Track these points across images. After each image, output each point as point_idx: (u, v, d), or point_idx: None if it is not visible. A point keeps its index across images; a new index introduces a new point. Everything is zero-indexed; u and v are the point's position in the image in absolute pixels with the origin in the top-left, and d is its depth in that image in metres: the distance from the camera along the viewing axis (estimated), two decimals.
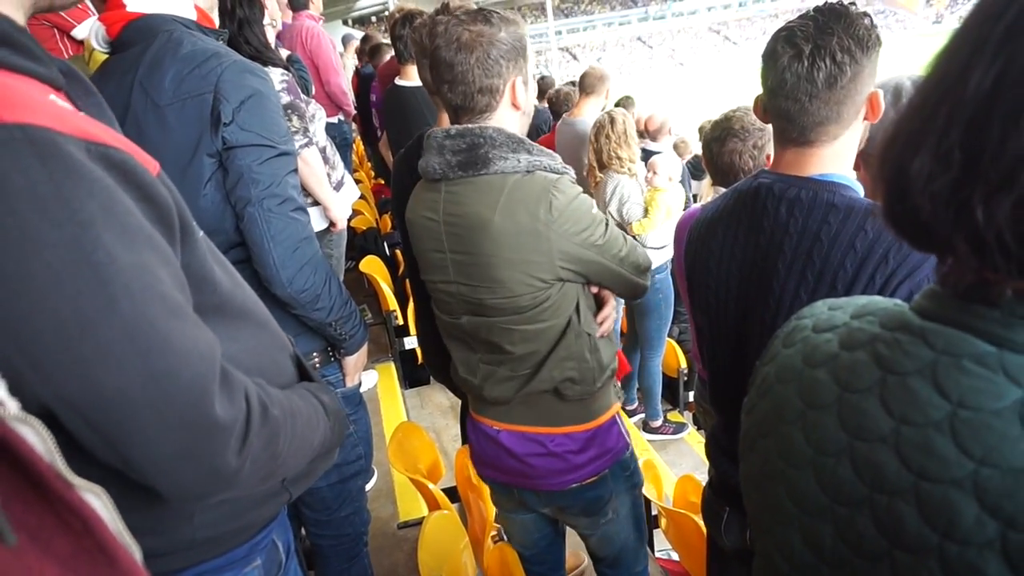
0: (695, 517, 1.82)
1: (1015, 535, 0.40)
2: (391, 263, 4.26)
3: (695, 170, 5.36)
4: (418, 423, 2.76)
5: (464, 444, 2.26)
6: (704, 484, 1.40)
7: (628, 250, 1.35)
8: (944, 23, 45.10)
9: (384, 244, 4.55)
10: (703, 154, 2.26)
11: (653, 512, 2.32)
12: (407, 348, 3.65)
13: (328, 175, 2.15)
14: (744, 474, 0.66)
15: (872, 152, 1.17)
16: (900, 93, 1.29)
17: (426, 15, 1.77)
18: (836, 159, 1.07)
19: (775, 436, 0.60)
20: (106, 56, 1.36)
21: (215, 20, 1.45)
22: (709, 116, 2.74)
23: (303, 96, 2.07)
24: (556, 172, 1.25)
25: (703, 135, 3.29)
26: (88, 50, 1.63)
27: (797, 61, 0.99)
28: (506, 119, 1.28)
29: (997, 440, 0.42)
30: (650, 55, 52.77)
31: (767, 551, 0.62)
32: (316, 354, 1.56)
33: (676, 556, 2.34)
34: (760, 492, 0.62)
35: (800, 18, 1.02)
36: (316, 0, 4.38)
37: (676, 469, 3.21)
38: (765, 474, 0.61)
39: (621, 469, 1.50)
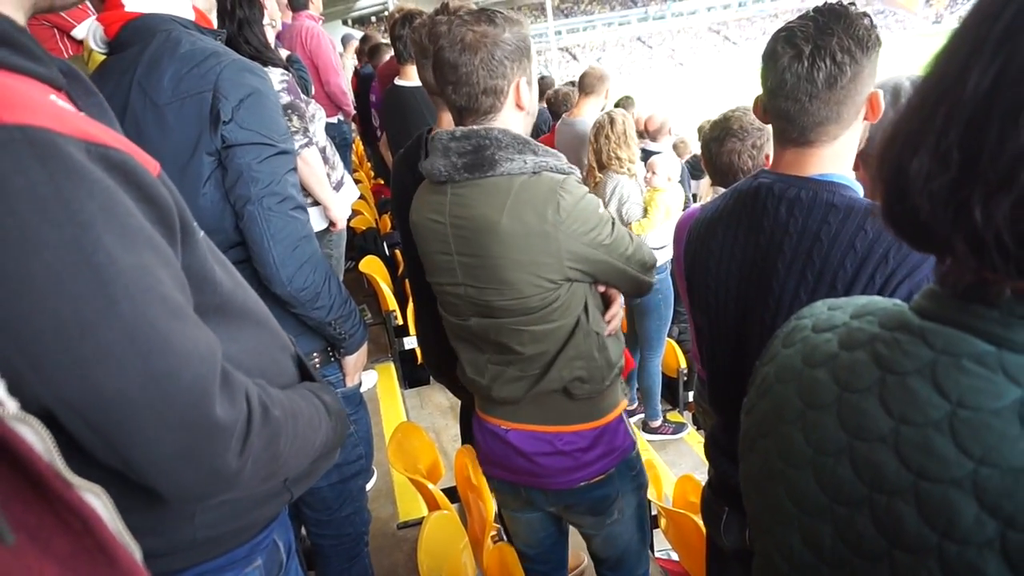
0: (695, 517, 1.82)
1: (1015, 534, 0.40)
2: (391, 263, 4.25)
3: (694, 169, 5.35)
4: (418, 423, 2.76)
5: (464, 444, 2.26)
6: (703, 484, 1.40)
7: (634, 248, 1.35)
8: (944, 23, 45.11)
9: (384, 244, 4.54)
10: (702, 154, 2.26)
11: (653, 512, 2.32)
12: (407, 348, 3.64)
13: (328, 175, 2.15)
14: (744, 474, 0.66)
15: (871, 152, 1.17)
16: (899, 93, 1.29)
17: (426, 15, 1.77)
18: (836, 159, 1.07)
19: (775, 436, 0.60)
20: (104, 56, 1.36)
21: (213, 22, 1.45)
22: (709, 116, 2.74)
23: (303, 96, 2.07)
24: (562, 172, 1.24)
25: (702, 135, 3.29)
26: (87, 50, 1.63)
27: (797, 61, 0.99)
28: (511, 120, 1.27)
29: (996, 440, 0.42)
30: (650, 55, 52.77)
31: (767, 551, 0.62)
32: (316, 354, 1.56)
33: (676, 556, 2.33)
34: (760, 492, 0.62)
35: (800, 18, 1.02)
36: (316, 0, 4.39)
37: (676, 469, 3.21)
38: (765, 474, 0.61)
39: (628, 468, 1.51)
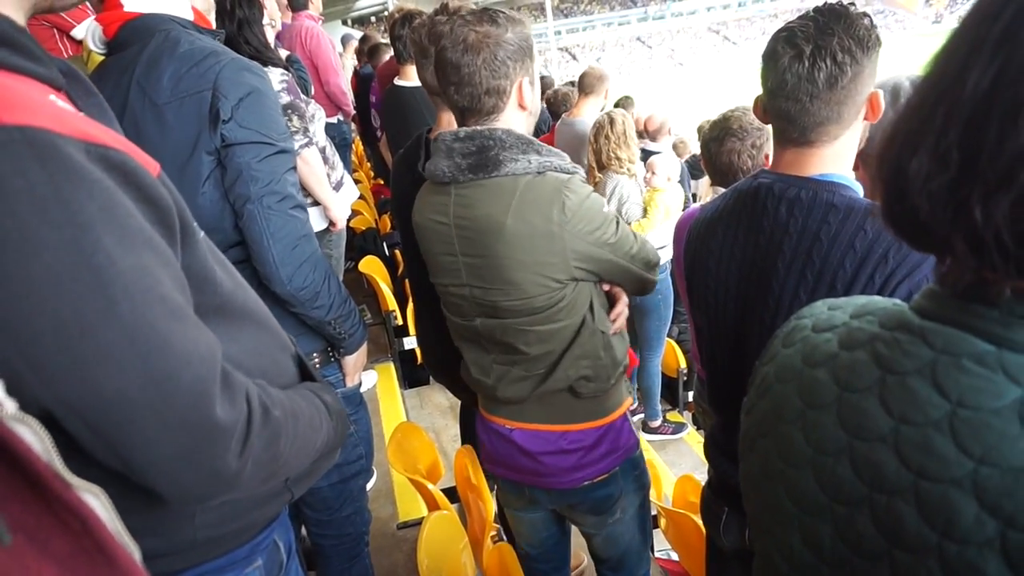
0: (694, 517, 1.82)
1: (1015, 534, 0.40)
2: (390, 263, 4.25)
3: (693, 169, 5.35)
4: (417, 423, 2.76)
5: (464, 444, 2.26)
6: (703, 484, 1.40)
7: (639, 247, 1.35)
8: (943, 23, 45.13)
9: (383, 244, 4.54)
10: (702, 154, 2.26)
11: (653, 512, 2.32)
12: (406, 348, 3.64)
13: (328, 175, 2.15)
14: (743, 474, 0.66)
15: (871, 152, 1.17)
16: (898, 93, 1.29)
17: (425, 15, 1.77)
18: (836, 159, 1.07)
19: (775, 436, 0.60)
20: (103, 57, 1.36)
21: (212, 23, 1.45)
22: (708, 116, 2.74)
23: (303, 96, 2.07)
24: (567, 172, 1.24)
25: (702, 135, 3.29)
26: (86, 51, 1.63)
27: (798, 62, 0.99)
28: (513, 120, 1.27)
29: (996, 439, 0.42)
30: (649, 55, 52.77)
31: (767, 551, 0.62)
32: (316, 355, 1.56)
33: (675, 556, 2.33)
34: (759, 492, 0.62)
35: (800, 18, 1.01)
36: (315, 0, 4.38)
37: (675, 469, 3.21)
38: (765, 474, 0.61)
39: (631, 467, 1.51)
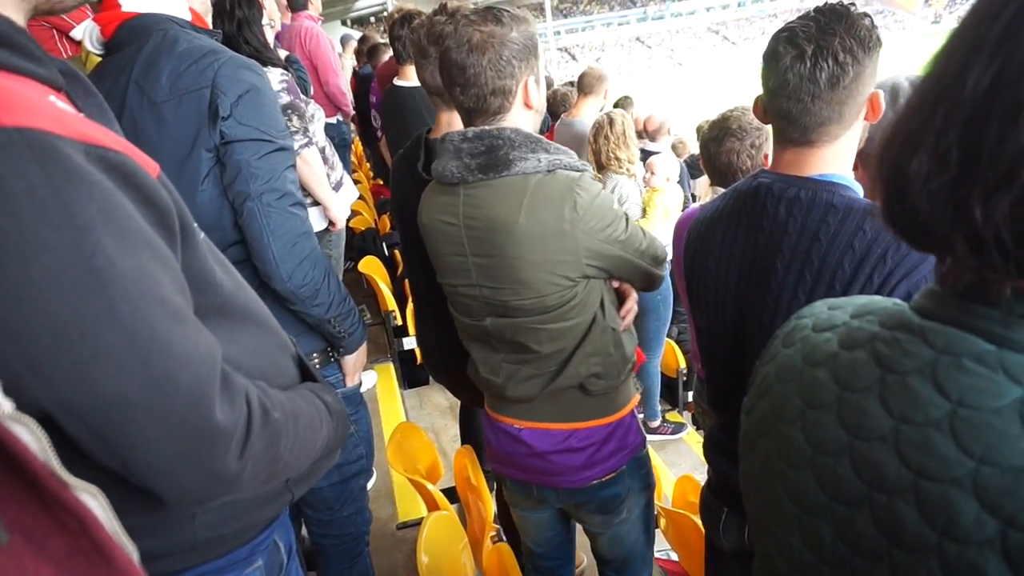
0: (694, 517, 1.82)
1: (1015, 534, 0.40)
2: (390, 263, 4.25)
3: (692, 169, 5.35)
4: (417, 423, 2.76)
5: (464, 444, 2.26)
6: (703, 485, 1.40)
7: (648, 243, 1.35)
8: (942, 23, 45.18)
9: (383, 245, 4.54)
10: (701, 154, 2.26)
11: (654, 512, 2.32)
12: (406, 348, 3.64)
13: (327, 175, 2.15)
14: (743, 474, 0.66)
15: (871, 152, 1.17)
16: (897, 93, 1.29)
17: (424, 15, 1.77)
18: (836, 159, 1.07)
19: (775, 435, 0.60)
20: (101, 58, 1.36)
21: (208, 25, 1.46)
22: (708, 116, 2.74)
23: (302, 96, 2.08)
24: (577, 170, 1.24)
25: (701, 135, 3.29)
26: (85, 51, 1.63)
27: (799, 62, 0.98)
28: (520, 119, 1.26)
29: (997, 439, 0.42)
30: (649, 55, 52.80)
31: (767, 551, 0.62)
32: (316, 355, 1.56)
33: (675, 556, 2.33)
34: (759, 492, 0.62)
35: (801, 19, 1.01)
36: (315, 0, 4.38)
37: (675, 469, 3.21)
38: (764, 474, 0.61)
39: (638, 467, 1.50)
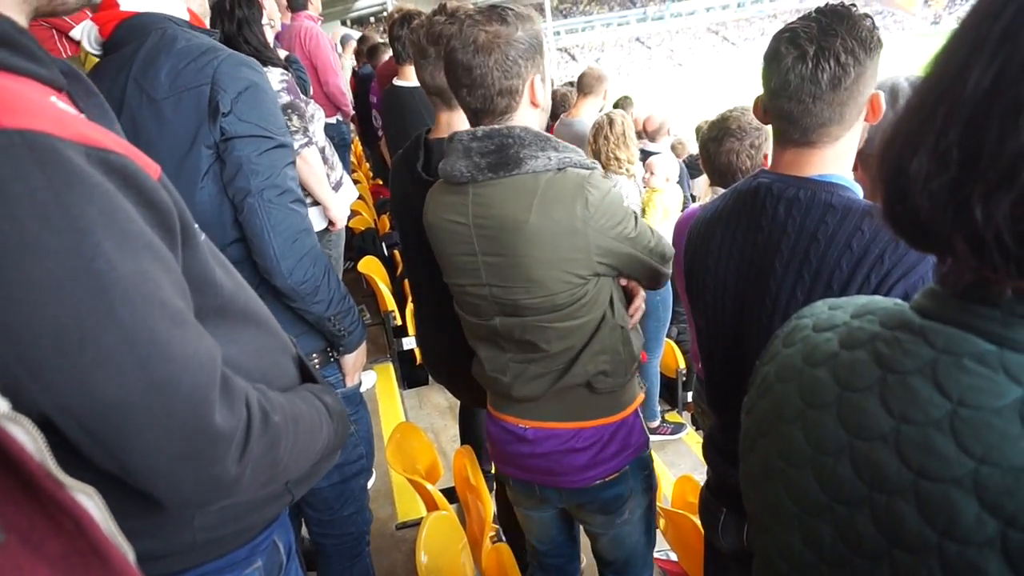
0: (693, 517, 1.82)
1: (1015, 534, 0.40)
2: (389, 264, 4.25)
3: (691, 169, 5.35)
4: (416, 424, 2.76)
5: (463, 444, 2.26)
6: (702, 485, 1.40)
7: (656, 241, 1.35)
8: (942, 24, 45.22)
9: (382, 245, 4.54)
10: (700, 154, 2.25)
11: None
12: (405, 349, 3.64)
13: (327, 175, 2.15)
14: (744, 473, 0.66)
15: (871, 153, 1.17)
16: (896, 93, 1.29)
17: (424, 16, 1.77)
18: (836, 160, 1.07)
19: (775, 435, 0.60)
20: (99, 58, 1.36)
21: (207, 26, 1.46)
22: (707, 117, 2.74)
23: (302, 96, 2.08)
24: (587, 168, 1.23)
25: (700, 135, 3.29)
26: (83, 52, 1.63)
27: (801, 62, 0.98)
28: (527, 118, 1.26)
29: (997, 439, 0.42)
30: (649, 56, 52.81)
31: (766, 551, 0.62)
32: (315, 355, 1.56)
33: (675, 556, 2.33)
34: (760, 491, 0.62)
35: (802, 19, 1.01)
36: (315, 1, 4.38)
37: (675, 470, 3.21)
38: (765, 473, 0.61)
39: (640, 467, 1.50)
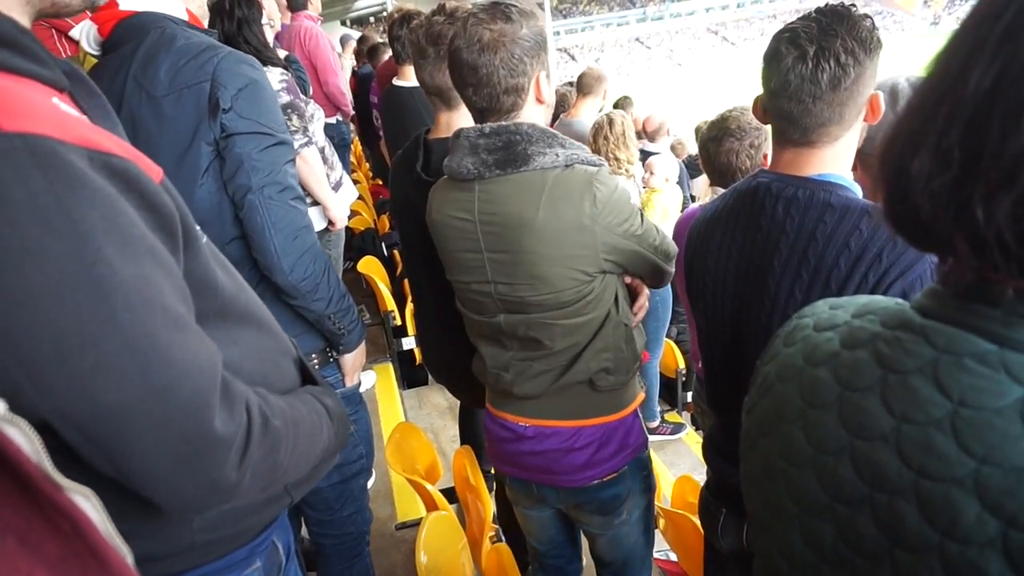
0: (693, 518, 1.82)
1: (1016, 534, 0.40)
2: (389, 264, 4.25)
3: (691, 169, 5.35)
4: (416, 424, 2.76)
5: (463, 444, 2.26)
6: (701, 486, 1.40)
7: (661, 238, 1.35)
8: (941, 24, 45.28)
9: (382, 245, 4.54)
10: (700, 154, 2.25)
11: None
12: (405, 349, 3.64)
13: (327, 175, 2.15)
14: (744, 473, 0.66)
15: (871, 153, 1.17)
16: (896, 94, 1.29)
17: (423, 16, 1.77)
18: (835, 160, 1.07)
19: (776, 435, 0.60)
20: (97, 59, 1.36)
21: (205, 27, 1.46)
22: (707, 117, 2.74)
23: (302, 96, 2.08)
24: (594, 164, 1.23)
25: (699, 135, 3.29)
26: (82, 52, 1.63)
27: (801, 62, 0.98)
28: (532, 115, 1.26)
29: (999, 439, 0.42)
30: (648, 56, 52.85)
31: (767, 551, 0.62)
32: (315, 355, 1.56)
33: (674, 557, 2.33)
34: (760, 491, 0.62)
35: (802, 19, 1.01)
36: (314, 1, 4.38)
37: (674, 470, 3.21)
38: (765, 473, 0.61)
39: (639, 468, 1.50)
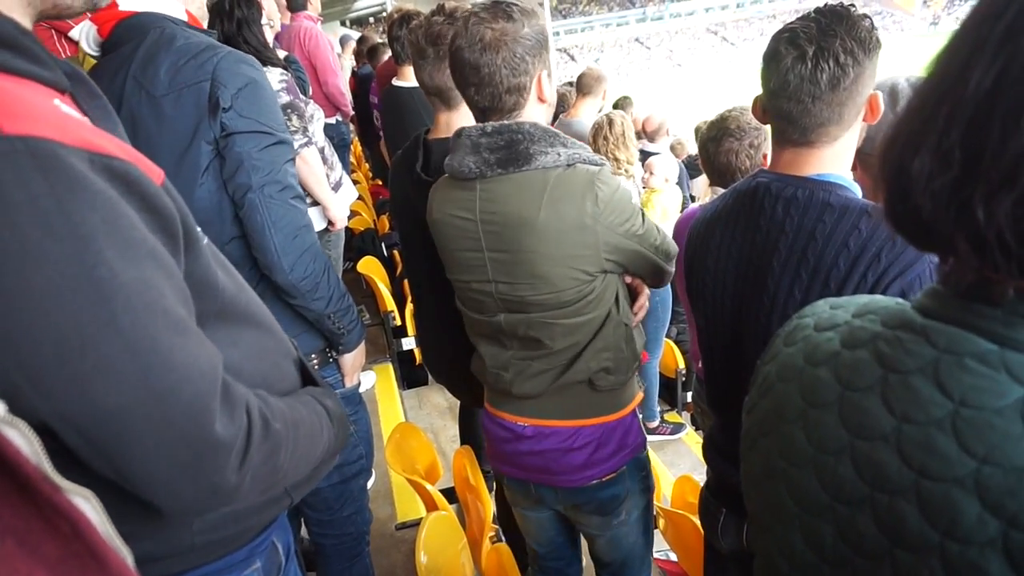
0: (693, 518, 1.82)
1: (1017, 534, 0.40)
2: (389, 264, 4.25)
3: (690, 169, 5.35)
4: (416, 424, 2.76)
5: (463, 445, 2.26)
6: (701, 486, 1.40)
7: (661, 238, 1.35)
8: (940, 25, 45.30)
9: (382, 245, 4.54)
10: (700, 154, 2.26)
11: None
12: (405, 349, 3.64)
13: (327, 175, 2.15)
14: (745, 473, 0.66)
15: (870, 153, 1.18)
16: (895, 94, 1.29)
17: (423, 16, 1.77)
18: (835, 159, 1.07)
19: (776, 435, 0.60)
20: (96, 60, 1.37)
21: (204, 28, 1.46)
22: (706, 117, 2.74)
23: (302, 96, 2.08)
24: (596, 164, 1.23)
25: (699, 135, 3.29)
26: (82, 52, 1.63)
27: (800, 63, 0.99)
28: (534, 114, 1.26)
29: (999, 439, 0.42)
30: (648, 56, 52.87)
31: (767, 551, 0.62)
32: (314, 355, 1.56)
33: (674, 557, 2.33)
34: (761, 491, 0.62)
35: (801, 19, 1.01)
36: (314, 1, 4.38)
37: (674, 470, 3.21)
38: (766, 473, 0.61)
39: (637, 468, 1.49)
